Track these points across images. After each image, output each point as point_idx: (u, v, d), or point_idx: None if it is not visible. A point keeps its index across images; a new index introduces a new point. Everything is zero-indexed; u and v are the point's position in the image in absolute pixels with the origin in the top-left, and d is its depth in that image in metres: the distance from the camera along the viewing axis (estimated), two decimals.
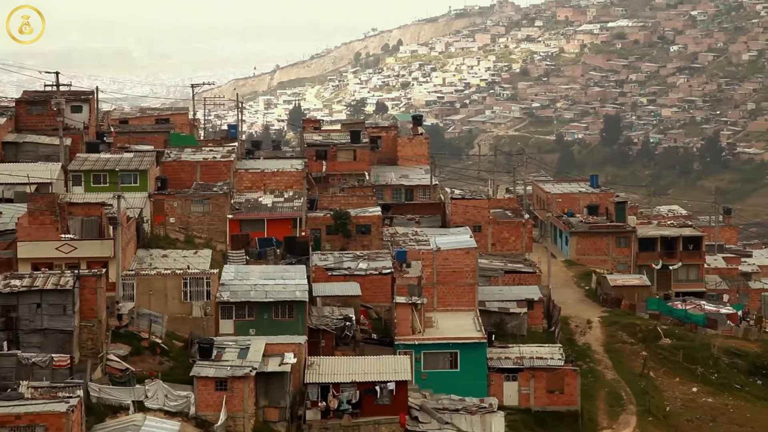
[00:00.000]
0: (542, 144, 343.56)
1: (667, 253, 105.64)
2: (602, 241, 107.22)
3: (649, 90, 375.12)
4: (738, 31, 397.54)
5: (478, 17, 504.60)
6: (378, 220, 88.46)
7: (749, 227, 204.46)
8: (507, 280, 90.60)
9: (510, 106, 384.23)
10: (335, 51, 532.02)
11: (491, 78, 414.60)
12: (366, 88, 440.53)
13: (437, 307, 79.88)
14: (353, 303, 75.31)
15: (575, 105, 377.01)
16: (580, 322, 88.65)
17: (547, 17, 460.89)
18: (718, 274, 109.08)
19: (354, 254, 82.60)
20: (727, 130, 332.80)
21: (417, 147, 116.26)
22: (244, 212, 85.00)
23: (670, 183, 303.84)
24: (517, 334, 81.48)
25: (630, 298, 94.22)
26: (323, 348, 69.57)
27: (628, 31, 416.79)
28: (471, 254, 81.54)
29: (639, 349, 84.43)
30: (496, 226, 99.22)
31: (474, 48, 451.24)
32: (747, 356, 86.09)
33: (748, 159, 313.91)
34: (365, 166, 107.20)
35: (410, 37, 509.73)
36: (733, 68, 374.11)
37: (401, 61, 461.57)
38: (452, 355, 72.37)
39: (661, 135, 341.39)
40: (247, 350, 63.49)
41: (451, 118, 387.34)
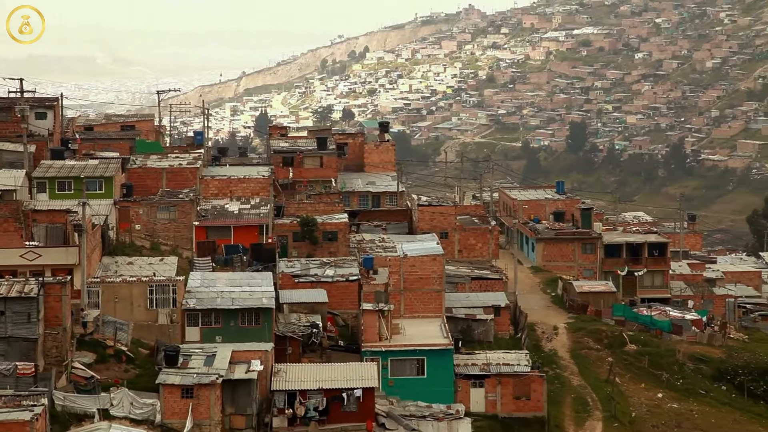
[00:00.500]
0: (508, 151, 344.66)
1: (633, 259, 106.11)
2: (568, 248, 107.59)
3: (614, 97, 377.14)
4: (702, 38, 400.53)
5: (444, 24, 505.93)
6: (345, 227, 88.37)
7: (714, 234, 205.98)
8: (474, 287, 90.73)
9: (476, 113, 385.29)
10: (302, 58, 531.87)
11: (457, 85, 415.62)
12: (332, 95, 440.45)
13: (404, 314, 79.89)
14: (320, 310, 75.21)
15: (541, 112, 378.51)
16: (546, 328, 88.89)
17: (512, 24, 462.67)
18: (683, 281, 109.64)
19: (321, 261, 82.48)
20: (691, 137, 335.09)
21: (384, 154, 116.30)
22: (211, 219, 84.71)
23: (635, 190, 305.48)
24: (484, 341, 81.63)
25: (596, 304, 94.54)
26: (290, 355, 69.41)
27: (593, 38, 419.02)
28: (438, 261, 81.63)
29: (605, 355, 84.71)
30: (462, 232, 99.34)
31: (440, 55, 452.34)
32: (712, 362, 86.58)
33: (713, 166, 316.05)
34: (332, 172, 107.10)
35: (377, 44, 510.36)
36: (697, 75, 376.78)
37: (368, 68, 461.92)
38: (419, 362, 72.36)
39: (627, 142, 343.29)
40: (213, 357, 63.24)
41: (417, 125, 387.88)
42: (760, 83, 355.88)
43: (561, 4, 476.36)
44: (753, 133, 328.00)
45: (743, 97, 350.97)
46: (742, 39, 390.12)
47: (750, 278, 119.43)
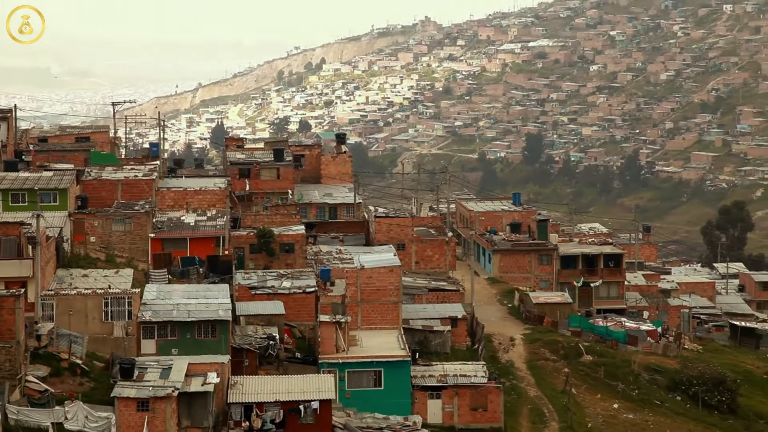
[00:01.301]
0: (465, 162, 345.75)
1: (589, 270, 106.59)
2: (525, 259, 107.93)
3: (569, 109, 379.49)
4: (656, 51, 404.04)
5: (401, 36, 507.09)
6: (302, 239, 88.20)
7: (668, 245, 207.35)
8: (431, 298, 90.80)
9: (433, 125, 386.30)
10: (258, 69, 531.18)
11: (414, 96, 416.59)
12: (289, 107, 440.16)
13: (361, 326, 79.79)
14: (277, 322, 74.98)
15: (497, 123, 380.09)
16: (503, 339, 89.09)
17: (469, 36, 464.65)
18: (638, 291, 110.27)
19: (278, 273, 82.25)
20: (646, 148, 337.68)
21: (340, 165, 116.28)
22: (167, 231, 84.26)
23: (590, 201, 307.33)
24: (441, 352, 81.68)
25: (552, 315, 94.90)
26: (246, 367, 69.13)
27: (549, 50, 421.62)
28: (395, 272, 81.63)
29: (561, 366, 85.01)
30: (419, 244, 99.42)
31: (397, 67, 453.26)
32: (666, 372, 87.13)
33: (667, 177, 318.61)
34: (289, 184, 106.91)
35: (333, 55, 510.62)
36: (652, 88, 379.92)
37: (324, 80, 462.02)
38: (376, 374, 72.30)
39: (582, 153, 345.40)
40: (169, 370, 62.86)
41: (374, 137, 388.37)
42: (714, 95, 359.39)
43: (516, 16, 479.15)
44: (706, 145, 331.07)
45: (697, 109, 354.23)
46: (696, 52, 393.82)
47: (704, 289, 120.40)
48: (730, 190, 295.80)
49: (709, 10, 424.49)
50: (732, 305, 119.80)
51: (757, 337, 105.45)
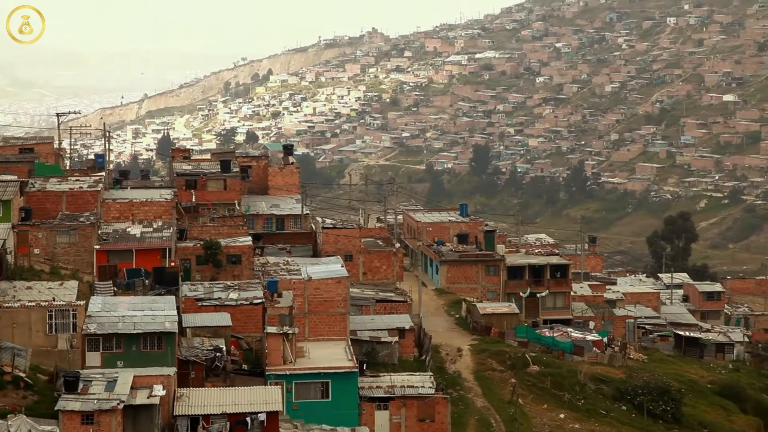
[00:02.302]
0: (412, 173, 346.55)
1: (535, 281, 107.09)
2: (472, 270, 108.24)
3: (516, 120, 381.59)
4: (601, 63, 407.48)
5: (348, 47, 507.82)
6: (249, 250, 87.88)
7: (614, 255, 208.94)
8: (378, 309, 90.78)
9: (380, 136, 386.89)
10: (204, 80, 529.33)
11: (361, 108, 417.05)
12: (236, 118, 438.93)
13: (309, 337, 79.62)
14: (224, 333, 74.60)
15: (444, 135, 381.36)
16: (450, 350, 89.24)
17: (415, 48, 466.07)
18: (584, 302, 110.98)
19: (224, 284, 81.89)
20: (591, 160, 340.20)
21: (288, 176, 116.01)
22: (112, 243, 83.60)
23: (537, 212, 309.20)
24: (389, 363, 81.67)
25: (499, 325, 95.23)
26: (193, 379, 68.70)
27: (495, 62, 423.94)
28: (342, 283, 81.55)
29: (508, 377, 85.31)
30: (367, 255, 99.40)
31: (344, 78, 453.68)
32: (612, 382, 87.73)
33: (612, 188, 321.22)
34: (236, 195, 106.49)
35: (280, 66, 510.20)
36: (597, 99, 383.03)
37: (271, 91, 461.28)
38: (324, 385, 72.16)
39: (529, 165, 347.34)
40: (114, 383, 62.34)
41: (321, 148, 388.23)
42: (658, 107, 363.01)
43: (463, 28, 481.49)
44: (651, 156, 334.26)
45: (641, 121, 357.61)
46: (640, 64, 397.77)
47: (649, 299, 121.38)
48: (675, 201, 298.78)
49: (653, 23, 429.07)
50: (676, 315, 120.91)
51: (701, 347, 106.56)
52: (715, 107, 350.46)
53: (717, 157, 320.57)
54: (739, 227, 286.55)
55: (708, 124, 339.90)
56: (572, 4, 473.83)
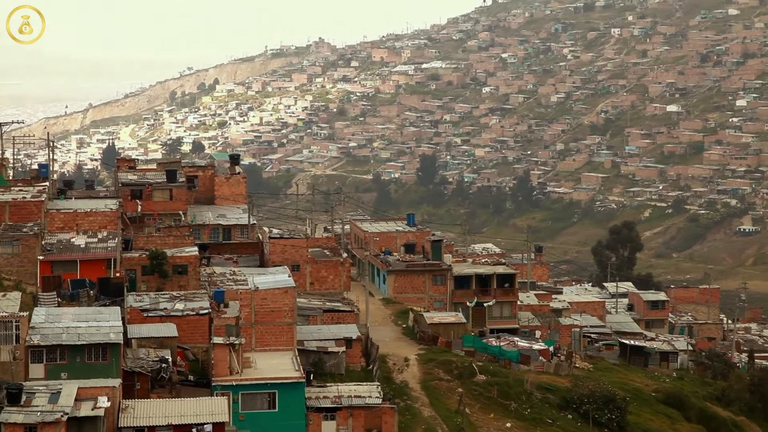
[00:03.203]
0: (359, 183, 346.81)
1: (482, 290, 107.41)
2: (419, 279, 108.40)
3: (462, 130, 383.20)
4: (546, 73, 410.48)
5: (295, 57, 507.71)
6: (195, 260, 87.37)
7: (560, 264, 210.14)
8: (325, 319, 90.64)
9: (327, 146, 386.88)
10: (150, 89, 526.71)
11: (308, 117, 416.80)
12: (182, 127, 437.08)
13: (255, 347, 79.27)
14: (170, 344, 74.10)
15: (391, 144, 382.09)
16: (397, 359, 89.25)
17: (362, 58, 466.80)
18: (531, 311, 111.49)
19: (170, 295, 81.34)
20: (537, 169, 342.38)
21: (234, 186, 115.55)
22: (56, 253, 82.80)
23: (484, 221, 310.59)
24: (336, 373, 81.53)
25: (446, 335, 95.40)
26: (138, 391, 68.17)
27: (442, 72, 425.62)
28: (289, 293, 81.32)
29: (455, 386, 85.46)
30: (314, 265, 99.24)
31: (291, 87, 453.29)
32: (558, 391, 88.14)
33: (558, 198, 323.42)
34: (182, 205, 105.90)
35: (227, 76, 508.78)
36: (543, 109, 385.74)
37: (218, 100, 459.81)
38: (270, 396, 71.85)
39: (475, 174, 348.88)
40: (58, 395, 61.70)
41: (268, 158, 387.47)
42: (603, 117, 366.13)
43: (410, 38, 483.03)
44: (596, 166, 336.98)
45: (587, 131, 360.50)
46: (585, 74, 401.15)
47: (594, 308, 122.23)
48: (620, 211, 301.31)
49: (598, 34, 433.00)
50: (621, 324, 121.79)
51: (645, 356, 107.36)
52: (658, 117, 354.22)
53: (661, 167, 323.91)
54: (683, 237, 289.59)
55: (652, 135, 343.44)
56: (518, 14, 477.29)
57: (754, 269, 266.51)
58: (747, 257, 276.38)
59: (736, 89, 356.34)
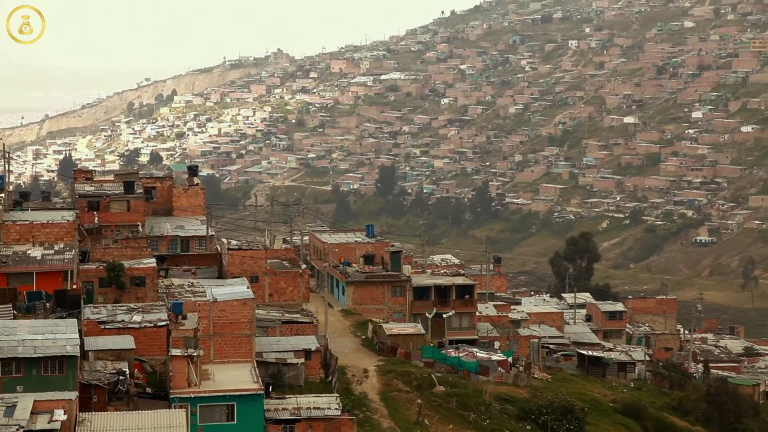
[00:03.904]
0: (318, 194, 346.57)
1: (441, 301, 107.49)
2: (378, 291, 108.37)
3: (421, 141, 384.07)
4: (505, 85, 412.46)
5: (253, 68, 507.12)
6: (153, 272, 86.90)
7: (518, 275, 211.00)
8: (284, 331, 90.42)
9: (286, 157, 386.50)
10: (107, 101, 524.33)
11: (267, 128, 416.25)
12: (140, 138, 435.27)
13: (214, 359, 78.89)
14: (127, 357, 73.59)
15: (350, 156, 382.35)
16: (356, 371, 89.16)
17: (321, 69, 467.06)
18: (490, 322, 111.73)
19: (128, 307, 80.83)
20: (496, 180, 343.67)
21: (193, 197, 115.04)
22: (12, 265, 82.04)
23: (443, 232, 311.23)
24: (295, 385, 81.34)
25: (405, 346, 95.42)
26: (95, 403, 67.64)
27: (401, 83, 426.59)
28: (248, 305, 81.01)
29: (414, 397, 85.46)
30: (273, 276, 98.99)
31: (249, 99, 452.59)
32: (517, 402, 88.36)
33: (516, 209, 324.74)
34: (139, 217, 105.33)
35: (185, 87, 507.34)
36: (501, 121, 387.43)
37: (176, 111, 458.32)
38: (229, 408, 71.49)
39: (434, 185, 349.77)
40: (13, 408, 61.09)
41: (227, 169, 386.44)
42: (560, 129, 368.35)
43: (368, 49, 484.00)
44: (554, 177, 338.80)
45: (545, 143, 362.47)
46: (543, 86, 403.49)
47: (553, 319, 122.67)
48: (577, 222, 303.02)
49: (555, 46, 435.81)
50: (580, 335, 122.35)
51: (603, 366, 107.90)
52: (616, 129, 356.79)
53: (618, 178, 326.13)
54: (640, 247, 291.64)
55: (609, 146, 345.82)
56: (476, 26, 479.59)
57: (711, 280, 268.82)
58: (703, 268, 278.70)
59: (692, 101, 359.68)
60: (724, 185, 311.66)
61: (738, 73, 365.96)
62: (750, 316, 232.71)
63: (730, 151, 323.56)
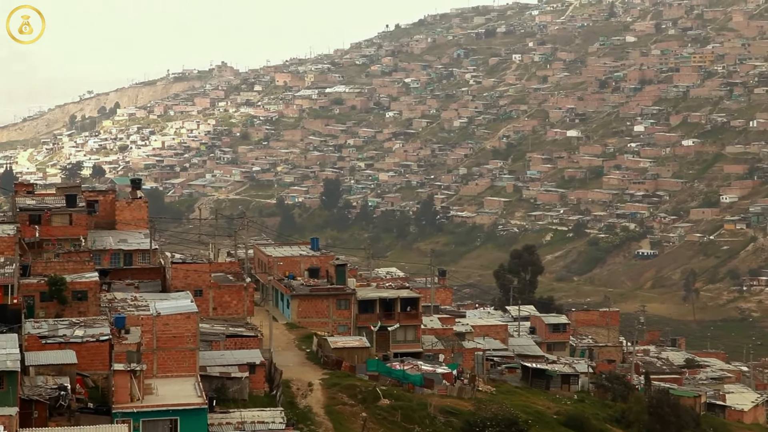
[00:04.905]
0: (263, 207, 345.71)
1: (386, 314, 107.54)
2: (323, 304, 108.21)
3: (366, 155, 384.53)
4: (449, 98, 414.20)
5: (197, 81, 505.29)
6: (95, 286, 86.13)
7: (463, 288, 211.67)
8: (228, 345, 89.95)
9: (230, 170, 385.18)
10: (49, 113, 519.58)
11: (211, 141, 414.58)
12: (82, 151, 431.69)
13: (157, 374, 78.32)
14: (69, 371, 72.86)
15: (295, 169, 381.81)
16: (301, 384, 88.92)
17: (266, 82, 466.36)
18: (434, 335, 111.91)
19: (70, 321, 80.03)
20: (440, 194, 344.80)
21: (136, 211, 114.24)
22: None
23: (388, 245, 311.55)
24: (239, 399, 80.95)
25: (350, 359, 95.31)
26: (36, 419, 66.90)
27: (346, 96, 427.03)
28: (192, 319, 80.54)
29: (359, 411, 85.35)
30: (217, 290, 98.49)
31: (193, 111, 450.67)
32: (461, 414, 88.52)
33: (461, 222, 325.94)
34: (82, 230, 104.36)
35: (128, 100, 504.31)
36: (446, 134, 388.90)
37: (119, 124, 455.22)
38: (172, 422, 70.98)
39: (379, 199, 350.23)
40: None
41: (171, 182, 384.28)
42: (505, 142, 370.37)
43: (313, 63, 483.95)
44: (498, 191, 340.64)
45: (489, 156, 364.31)
46: (487, 99, 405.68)
47: (497, 331, 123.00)
48: (521, 235, 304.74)
49: (499, 60, 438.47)
50: (524, 347, 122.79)
51: (547, 378, 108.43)
52: (559, 142, 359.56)
53: (562, 191, 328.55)
54: (583, 260, 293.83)
55: (553, 159, 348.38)
56: (421, 40, 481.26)
57: (653, 292, 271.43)
58: (645, 280, 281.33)
59: (634, 115, 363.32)
60: (666, 198, 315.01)
61: (679, 87, 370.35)
62: (691, 328, 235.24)
63: (671, 164, 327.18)
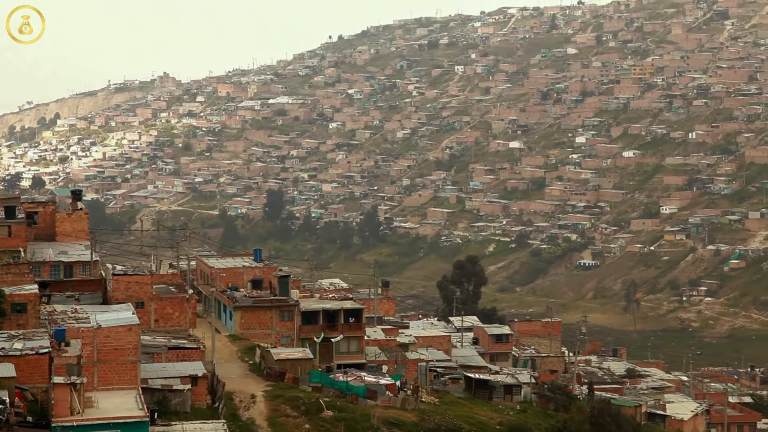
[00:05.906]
0: (206, 219, 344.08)
1: (329, 325, 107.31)
2: (266, 315, 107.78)
3: (310, 166, 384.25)
4: (392, 109, 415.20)
5: (139, 92, 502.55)
6: (35, 298, 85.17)
7: (406, 299, 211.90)
8: (170, 357, 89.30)
9: (173, 181, 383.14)
10: None
11: (153, 152, 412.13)
12: (21, 162, 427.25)
13: (98, 386, 77.57)
14: (7, 385, 71.91)
15: (238, 180, 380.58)
16: (244, 396, 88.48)
17: (208, 93, 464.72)
18: (378, 346, 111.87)
19: (8, 334, 79.04)
20: (384, 205, 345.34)
21: (76, 222, 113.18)
22: None
23: (331, 256, 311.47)
24: (181, 411, 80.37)
25: (293, 371, 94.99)
26: None
27: (289, 107, 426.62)
28: (133, 331, 79.88)
29: (302, 422, 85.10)
30: (159, 302, 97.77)
31: (135, 122, 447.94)
32: (405, 425, 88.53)
33: (404, 233, 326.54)
34: (21, 242, 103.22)
35: (68, 110, 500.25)
36: (389, 145, 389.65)
37: (59, 135, 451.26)
38: None
39: (323, 210, 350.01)
40: None
41: (112, 193, 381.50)
42: (448, 153, 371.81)
43: (256, 73, 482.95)
44: (442, 201, 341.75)
45: (432, 167, 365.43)
46: (430, 111, 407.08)
47: (440, 342, 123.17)
48: (465, 245, 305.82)
49: (442, 71, 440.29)
50: (467, 358, 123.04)
51: (490, 389, 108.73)
52: (501, 154, 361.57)
53: (504, 202, 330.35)
54: (526, 271, 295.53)
55: (495, 170, 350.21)
56: (364, 51, 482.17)
57: (594, 302, 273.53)
58: (587, 291, 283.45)
59: (576, 126, 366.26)
60: (607, 209, 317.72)
61: (619, 99, 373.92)
62: (632, 338, 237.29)
63: (612, 175, 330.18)
